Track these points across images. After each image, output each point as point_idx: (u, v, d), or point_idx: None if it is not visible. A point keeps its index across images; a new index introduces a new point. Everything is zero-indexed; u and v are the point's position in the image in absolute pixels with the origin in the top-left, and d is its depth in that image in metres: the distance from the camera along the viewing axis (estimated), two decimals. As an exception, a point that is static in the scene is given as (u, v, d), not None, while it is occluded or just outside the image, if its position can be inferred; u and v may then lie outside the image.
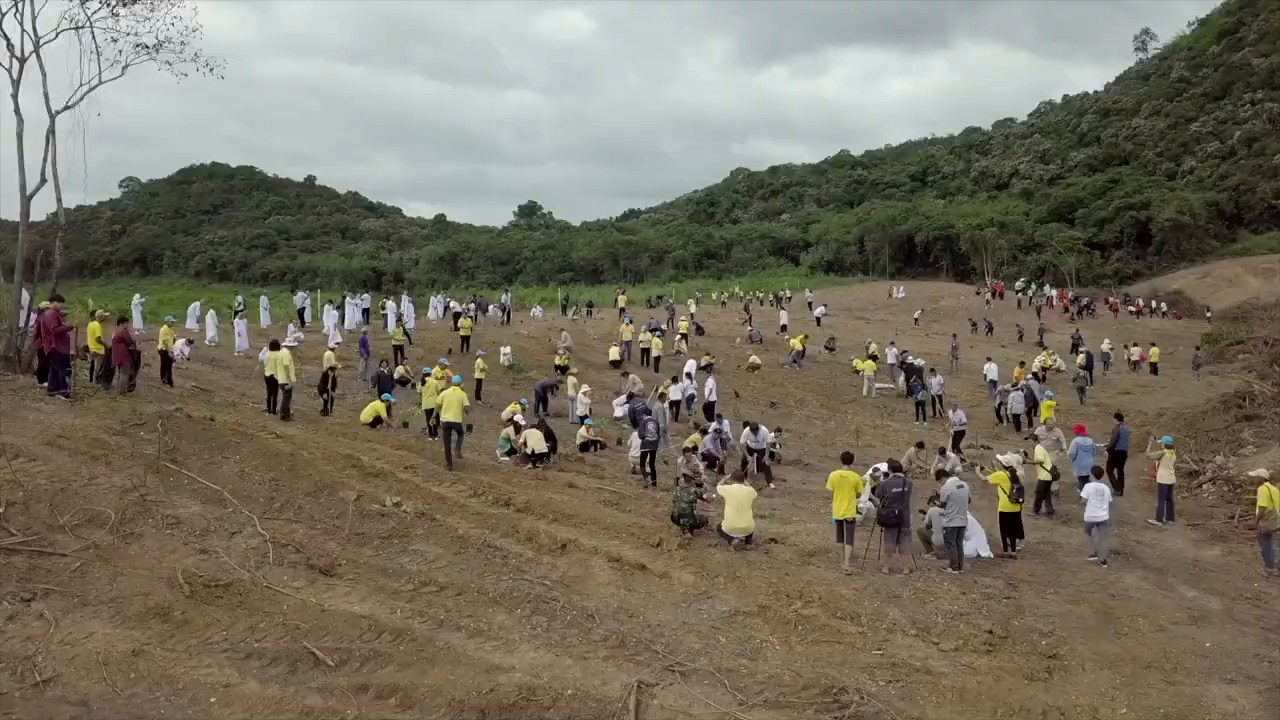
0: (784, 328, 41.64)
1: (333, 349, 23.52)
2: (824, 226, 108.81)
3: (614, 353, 31.77)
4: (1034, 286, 68.94)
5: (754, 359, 33.03)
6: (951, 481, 12.94)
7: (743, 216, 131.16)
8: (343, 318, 34.72)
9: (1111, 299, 65.16)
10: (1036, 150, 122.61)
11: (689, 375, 27.12)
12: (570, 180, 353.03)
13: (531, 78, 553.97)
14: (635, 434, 17.65)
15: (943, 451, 19.20)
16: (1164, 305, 63.50)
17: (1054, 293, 65.90)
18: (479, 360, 25.14)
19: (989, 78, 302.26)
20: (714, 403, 24.46)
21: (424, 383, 19.03)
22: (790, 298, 66.67)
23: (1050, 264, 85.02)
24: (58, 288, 18.13)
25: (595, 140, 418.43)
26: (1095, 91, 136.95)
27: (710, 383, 25.27)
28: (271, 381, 18.10)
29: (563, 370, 27.35)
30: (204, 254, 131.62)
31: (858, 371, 33.33)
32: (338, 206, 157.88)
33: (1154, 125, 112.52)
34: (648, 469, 16.99)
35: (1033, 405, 25.67)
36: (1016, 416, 25.74)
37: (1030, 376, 29.38)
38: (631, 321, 35.15)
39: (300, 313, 35.26)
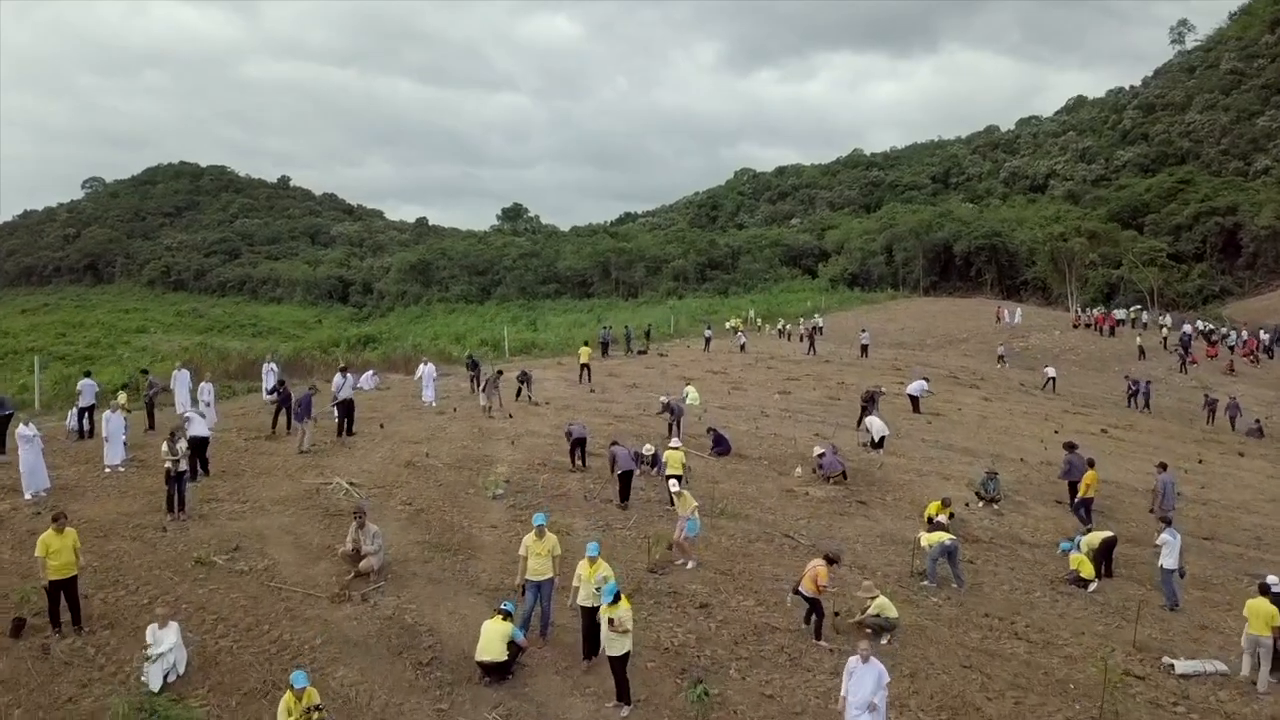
0: (879, 443, 18.76)
1: None
2: (842, 233, 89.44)
3: (489, 649, 8.91)
4: (1145, 314, 48.48)
5: (867, 600, 10.84)
6: None
7: (749, 221, 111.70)
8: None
9: (1249, 336, 44.78)
10: (1075, 149, 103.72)
11: None
12: (561, 183, 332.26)
13: (520, 81, 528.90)
14: None
15: None
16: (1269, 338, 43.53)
17: (1189, 329, 41.60)
18: None
19: (975, 82, 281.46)
20: None
21: None
22: (822, 327, 46.88)
23: (1124, 280, 65.53)
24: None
25: (585, 143, 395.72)
26: (1133, 86, 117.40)
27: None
28: None
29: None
30: (158, 260, 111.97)
31: (1086, 583, 13.47)
32: (311, 209, 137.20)
33: (1213, 120, 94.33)
34: None
35: None
36: None
37: None
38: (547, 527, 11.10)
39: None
